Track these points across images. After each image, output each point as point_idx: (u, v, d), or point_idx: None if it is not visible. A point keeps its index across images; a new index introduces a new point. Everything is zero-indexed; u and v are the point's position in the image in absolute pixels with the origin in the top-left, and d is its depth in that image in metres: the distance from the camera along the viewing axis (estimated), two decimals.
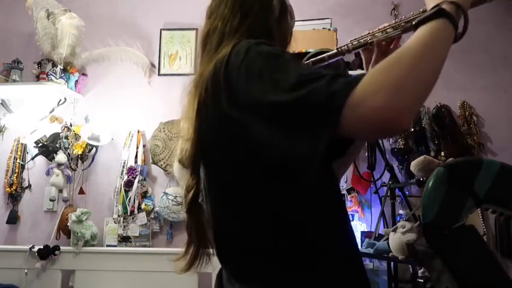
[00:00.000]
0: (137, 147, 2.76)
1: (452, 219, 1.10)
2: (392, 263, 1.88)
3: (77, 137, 2.81)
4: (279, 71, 0.66)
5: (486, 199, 1.13)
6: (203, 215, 0.86)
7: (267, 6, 0.88)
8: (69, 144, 2.79)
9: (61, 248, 2.51)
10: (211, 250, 0.87)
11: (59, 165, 2.74)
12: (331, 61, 1.02)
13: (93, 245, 2.57)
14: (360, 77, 0.60)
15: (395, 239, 1.44)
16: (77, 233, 2.53)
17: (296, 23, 2.78)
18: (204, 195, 0.86)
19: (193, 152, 0.84)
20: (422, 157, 1.74)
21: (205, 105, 0.79)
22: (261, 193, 0.76)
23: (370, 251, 1.71)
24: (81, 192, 2.79)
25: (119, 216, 2.64)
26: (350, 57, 2.60)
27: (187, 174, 0.87)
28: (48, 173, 2.76)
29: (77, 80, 2.87)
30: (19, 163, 2.83)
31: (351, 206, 2.60)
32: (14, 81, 2.73)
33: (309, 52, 1.85)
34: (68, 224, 2.57)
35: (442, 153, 2.47)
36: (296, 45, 2.70)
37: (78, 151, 2.77)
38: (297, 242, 0.74)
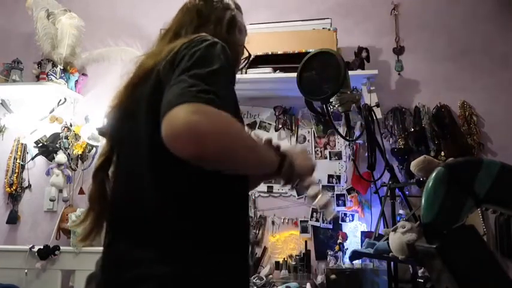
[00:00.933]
0: None
1: (452, 219, 1.10)
2: (392, 263, 1.88)
3: (77, 137, 2.81)
4: (206, 67, 0.76)
5: (486, 199, 1.13)
6: (108, 184, 0.88)
7: (219, 20, 1.01)
8: (69, 144, 2.79)
9: (61, 248, 2.51)
10: None
11: (59, 165, 2.74)
12: None
13: (93, 245, 2.57)
14: (200, 99, 0.69)
15: (395, 239, 1.44)
16: (77, 233, 2.53)
17: (296, 23, 2.80)
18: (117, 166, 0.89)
19: (118, 117, 0.90)
20: (422, 157, 1.73)
21: (150, 73, 0.84)
22: (168, 173, 0.79)
23: (370, 251, 1.71)
24: (81, 192, 2.79)
25: None
26: (350, 57, 2.60)
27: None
28: (48, 173, 2.76)
29: (77, 80, 2.87)
30: (19, 163, 2.83)
31: (351, 206, 2.60)
32: (14, 81, 2.73)
33: (309, 52, 1.85)
34: (68, 224, 2.57)
35: (442, 153, 2.47)
36: (296, 45, 2.71)
37: (78, 151, 2.77)
38: (198, 224, 0.78)
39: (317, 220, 2.61)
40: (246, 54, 1.12)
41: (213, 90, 0.71)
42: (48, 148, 2.77)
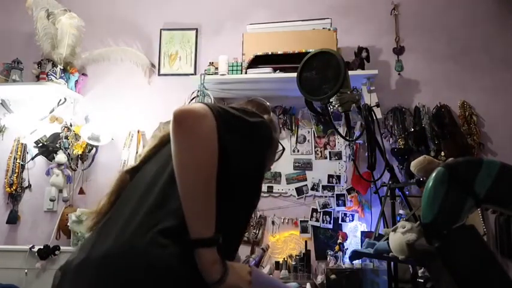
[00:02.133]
0: (137, 147, 2.76)
1: (452, 219, 1.10)
2: (392, 263, 1.88)
3: (77, 137, 2.81)
4: (242, 115, 0.95)
5: (486, 199, 1.13)
6: (127, 185, 1.02)
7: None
8: (69, 144, 2.79)
9: (61, 248, 2.51)
10: None
11: (59, 165, 2.74)
12: None
13: None
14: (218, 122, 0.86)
15: (396, 239, 1.43)
16: (77, 233, 2.53)
17: (296, 23, 2.80)
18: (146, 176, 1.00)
19: (157, 144, 1.06)
20: (422, 157, 1.73)
21: None
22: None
23: (370, 251, 1.70)
24: (81, 192, 2.79)
25: None
26: (350, 57, 2.60)
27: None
28: (48, 173, 2.76)
29: (77, 80, 2.87)
30: (19, 163, 2.84)
31: (351, 206, 2.60)
32: (14, 81, 2.73)
33: (309, 52, 1.84)
34: (68, 224, 2.57)
35: (442, 153, 2.47)
36: (296, 45, 2.71)
37: (78, 151, 2.77)
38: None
39: (317, 220, 2.61)
40: (280, 147, 1.23)
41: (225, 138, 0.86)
42: (48, 148, 2.78)
